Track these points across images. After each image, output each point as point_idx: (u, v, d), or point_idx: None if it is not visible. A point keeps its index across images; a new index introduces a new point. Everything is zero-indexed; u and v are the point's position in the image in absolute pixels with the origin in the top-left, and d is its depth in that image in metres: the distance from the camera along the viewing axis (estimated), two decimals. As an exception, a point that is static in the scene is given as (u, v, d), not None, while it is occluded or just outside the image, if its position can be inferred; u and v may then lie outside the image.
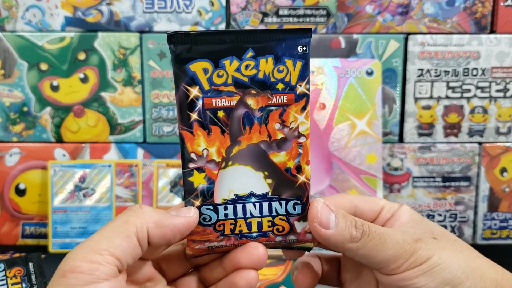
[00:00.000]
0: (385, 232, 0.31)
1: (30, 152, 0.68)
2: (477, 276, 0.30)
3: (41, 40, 0.66)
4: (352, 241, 0.31)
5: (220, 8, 0.66)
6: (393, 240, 0.31)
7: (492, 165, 0.69)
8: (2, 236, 0.70)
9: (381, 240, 0.30)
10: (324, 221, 0.31)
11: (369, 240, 0.31)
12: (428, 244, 0.31)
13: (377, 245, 0.30)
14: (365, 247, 0.31)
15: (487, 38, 0.66)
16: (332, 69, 0.65)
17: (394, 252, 0.30)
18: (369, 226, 0.31)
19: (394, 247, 0.30)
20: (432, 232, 0.32)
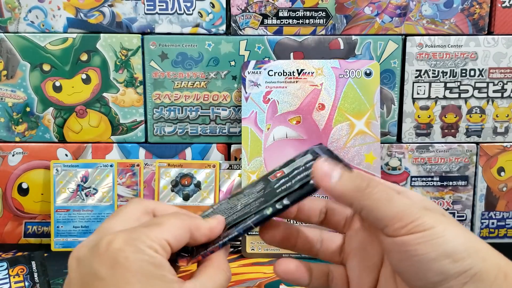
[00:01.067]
0: (392, 191, 0.31)
1: (33, 152, 0.69)
2: (479, 257, 0.29)
3: (43, 41, 0.67)
4: (357, 190, 0.31)
5: (220, 9, 0.67)
6: (401, 199, 0.31)
7: (489, 164, 0.69)
8: (5, 235, 0.70)
9: (388, 196, 0.31)
10: (329, 172, 0.32)
11: (375, 192, 0.31)
12: (436, 215, 0.31)
13: (384, 200, 0.31)
14: (371, 198, 0.31)
15: (484, 39, 0.67)
16: (331, 70, 0.66)
17: (401, 211, 0.30)
18: (377, 181, 0.32)
19: (400, 205, 0.30)
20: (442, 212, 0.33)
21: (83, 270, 0.28)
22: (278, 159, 0.67)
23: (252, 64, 0.66)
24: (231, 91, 0.68)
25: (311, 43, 0.67)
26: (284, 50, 0.67)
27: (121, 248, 0.28)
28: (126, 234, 0.29)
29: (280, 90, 0.66)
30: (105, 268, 0.28)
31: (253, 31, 0.67)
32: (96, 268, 0.28)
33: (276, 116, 0.66)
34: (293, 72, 0.66)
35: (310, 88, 0.66)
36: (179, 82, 0.68)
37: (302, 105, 0.66)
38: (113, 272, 0.27)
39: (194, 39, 0.67)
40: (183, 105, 0.69)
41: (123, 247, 0.28)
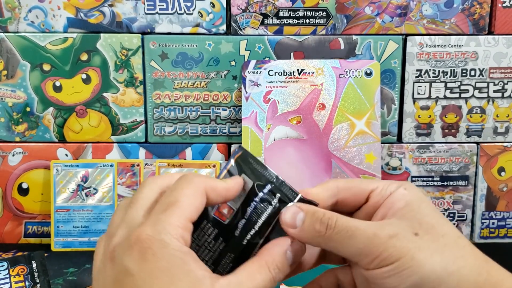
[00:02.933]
0: (354, 226, 0.30)
1: (33, 152, 0.69)
2: (453, 281, 0.29)
3: (43, 41, 0.67)
4: (318, 235, 0.31)
5: (221, 9, 0.67)
6: (363, 234, 0.30)
7: (490, 164, 0.69)
8: (5, 235, 0.70)
9: (348, 234, 0.30)
10: (290, 222, 0.32)
11: (335, 234, 0.30)
12: (403, 242, 0.30)
13: (344, 239, 0.30)
14: (333, 240, 0.31)
15: (485, 39, 0.67)
16: (331, 69, 0.66)
17: (364, 246, 0.30)
18: (336, 220, 0.31)
19: (363, 241, 0.30)
20: (420, 224, 0.31)
21: (116, 267, 0.28)
22: (279, 159, 0.67)
23: (253, 64, 0.66)
24: (231, 91, 0.68)
25: (311, 43, 0.67)
26: (285, 50, 0.67)
27: (147, 245, 0.27)
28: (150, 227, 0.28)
29: (280, 90, 0.66)
30: (134, 264, 0.27)
31: (254, 31, 0.67)
32: (126, 265, 0.28)
33: (277, 116, 0.66)
34: (293, 72, 0.66)
35: (311, 88, 0.66)
36: (179, 82, 0.68)
37: (302, 105, 0.66)
38: (142, 268, 0.27)
39: (194, 39, 0.67)
40: (183, 105, 0.69)
41: (149, 244, 0.27)
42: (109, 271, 0.29)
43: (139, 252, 0.27)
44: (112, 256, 0.29)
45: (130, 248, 0.28)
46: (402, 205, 0.32)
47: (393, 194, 0.33)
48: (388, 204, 0.32)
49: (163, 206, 0.29)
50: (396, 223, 0.31)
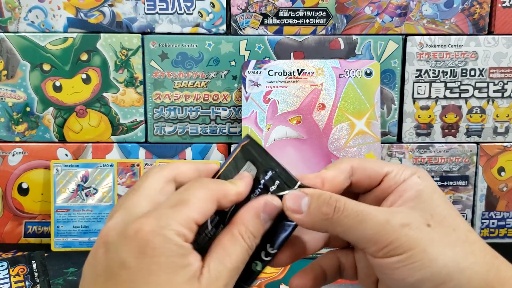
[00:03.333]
0: (364, 210, 0.29)
1: (33, 152, 0.69)
2: (464, 277, 0.28)
3: (43, 41, 0.67)
4: (326, 218, 0.29)
5: (220, 9, 0.67)
6: (374, 220, 0.29)
7: (490, 164, 0.69)
8: (5, 235, 0.70)
9: (358, 218, 0.29)
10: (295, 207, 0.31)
11: (344, 217, 0.29)
12: (416, 232, 0.28)
13: (355, 223, 0.29)
14: (341, 224, 0.29)
15: (485, 39, 0.67)
16: (331, 69, 0.66)
17: (375, 233, 0.29)
18: (345, 203, 0.29)
19: (374, 227, 0.29)
20: (431, 215, 0.29)
21: (110, 256, 0.27)
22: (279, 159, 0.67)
23: (253, 64, 0.66)
24: (231, 91, 0.68)
25: (311, 43, 0.67)
26: (285, 50, 0.67)
27: (148, 238, 0.27)
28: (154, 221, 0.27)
29: (280, 90, 0.66)
30: (132, 257, 0.27)
31: (254, 31, 0.67)
32: (123, 257, 0.27)
33: (277, 116, 0.66)
34: (293, 72, 0.66)
35: (311, 88, 0.66)
36: (179, 82, 0.68)
37: (302, 105, 0.66)
38: (140, 262, 0.26)
39: (194, 39, 0.67)
40: (183, 105, 0.69)
41: (151, 237, 0.27)
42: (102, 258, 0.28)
43: (139, 244, 0.27)
44: (106, 241, 0.28)
45: (128, 239, 0.27)
46: (413, 195, 0.30)
47: (406, 181, 0.31)
48: (399, 191, 0.31)
49: (173, 202, 0.29)
50: (408, 212, 0.30)
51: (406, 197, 0.30)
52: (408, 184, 0.31)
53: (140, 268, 0.26)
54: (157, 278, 0.26)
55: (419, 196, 0.30)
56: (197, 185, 0.30)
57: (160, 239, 0.27)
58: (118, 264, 0.27)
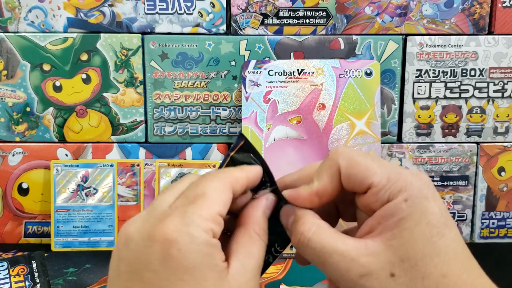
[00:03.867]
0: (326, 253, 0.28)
1: (33, 152, 0.69)
2: None
3: (43, 41, 0.67)
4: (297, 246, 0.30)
5: (221, 9, 0.67)
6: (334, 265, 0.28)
7: (490, 164, 0.69)
8: (5, 235, 0.70)
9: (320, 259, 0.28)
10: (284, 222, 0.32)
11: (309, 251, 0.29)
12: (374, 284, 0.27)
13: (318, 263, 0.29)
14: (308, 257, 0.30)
15: (485, 39, 0.67)
16: (331, 69, 0.66)
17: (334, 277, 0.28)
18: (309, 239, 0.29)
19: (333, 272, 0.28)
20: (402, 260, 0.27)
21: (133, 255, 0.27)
22: (279, 159, 0.67)
23: (253, 64, 0.66)
24: (231, 91, 0.68)
25: (311, 43, 0.67)
26: (285, 50, 0.67)
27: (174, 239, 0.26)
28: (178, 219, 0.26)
29: (280, 90, 0.66)
30: (157, 260, 0.26)
31: (254, 31, 0.67)
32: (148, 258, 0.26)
33: (277, 116, 0.66)
34: (293, 72, 0.66)
35: (311, 88, 0.66)
36: (179, 82, 0.68)
37: (302, 105, 0.66)
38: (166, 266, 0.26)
39: (194, 39, 0.67)
40: (183, 105, 0.69)
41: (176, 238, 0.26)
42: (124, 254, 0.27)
43: (164, 246, 0.26)
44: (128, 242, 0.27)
45: (154, 241, 0.26)
46: (393, 224, 0.27)
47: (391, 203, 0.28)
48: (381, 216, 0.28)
49: (190, 198, 0.28)
50: (377, 252, 0.27)
51: (385, 226, 0.28)
52: (391, 209, 0.28)
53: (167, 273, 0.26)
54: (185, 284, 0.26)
55: (399, 227, 0.27)
56: (208, 177, 0.29)
57: (185, 238, 0.26)
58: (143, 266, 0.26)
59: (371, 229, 0.28)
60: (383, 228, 0.28)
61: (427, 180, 0.29)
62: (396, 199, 0.28)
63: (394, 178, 0.28)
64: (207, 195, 0.28)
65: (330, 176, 0.30)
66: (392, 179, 0.28)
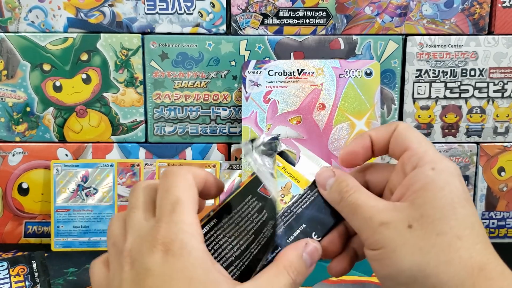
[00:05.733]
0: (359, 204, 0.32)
1: (33, 152, 0.69)
2: (429, 283, 0.28)
3: (44, 41, 0.67)
4: (335, 203, 0.33)
5: (221, 9, 0.67)
6: (361, 214, 0.31)
7: (490, 164, 0.69)
8: (5, 235, 0.70)
9: (352, 211, 0.32)
10: (322, 182, 0.35)
11: (344, 206, 0.33)
12: (391, 232, 0.30)
13: (349, 213, 0.32)
14: (343, 211, 0.33)
15: (485, 39, 0.67)
16: (331, 69, 0.66)
17: (359, 225, 0.31)
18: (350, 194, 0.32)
19: (359, 221, 0.31)
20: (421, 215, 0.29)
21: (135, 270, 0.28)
22: (279, 159, 0.67)
23: (253, 64, 0.66)
24: (231, 91, 0.68)
25: (311, 43, 0.67)
26: (285, 50, 0.67)
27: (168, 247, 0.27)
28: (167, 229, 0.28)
29: (280, 90, 0.66)
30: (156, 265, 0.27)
31: (254, 31, 0.67)
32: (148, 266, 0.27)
33: (277, 116, 0.66)
34: (293, 72, 0.66)
35: (311, 88, 0.66)
36: (179, 82, 0.68)
37: (302, 105, 0.66)
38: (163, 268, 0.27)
39: (194, 39, 0.67)
40: (183, 105, 0.69)
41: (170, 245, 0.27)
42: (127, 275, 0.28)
43: (162, 252, 0.27)
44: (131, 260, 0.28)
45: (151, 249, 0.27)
46: (418, 188, 0.30)
47: (418, 171, 0.31)
48: (409, 182, 0.31)
49: (168, 207, 0.29)
50: (399, 208, 0.30)
51: (412, 190, 0.30)
52: (417, 175, 0.31)
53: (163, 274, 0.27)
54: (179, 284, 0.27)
55: (423, 190, 0.30)
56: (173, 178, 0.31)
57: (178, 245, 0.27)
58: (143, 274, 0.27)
59: (401, 194, 0.32)
60: (410, 192, 0.30)
61: (456, 166, 0.31)
62: (424, 166, 0.31)
63: (430, 151, 0.32)
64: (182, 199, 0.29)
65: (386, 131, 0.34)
66: (428, 151, 0.32)
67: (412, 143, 0.32)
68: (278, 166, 0.36)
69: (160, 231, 0.28)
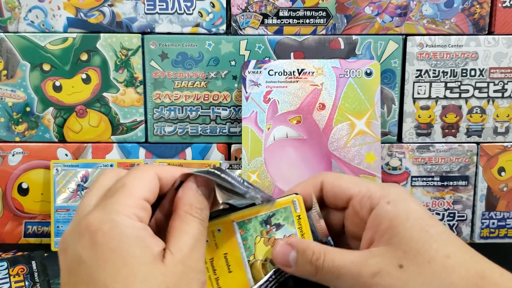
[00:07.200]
0: (340, 265, 0.30)
1: (33, 152, 0.69)
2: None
3: (43, 41, 0.67)
4: (311, 275, 0.31)
5: (220, 9, 0.67)
6: (348, 274, 0.30)
7: (490, 164, 0.69)
8: (4, 235, 0.70)
9: (334, 275, 0.30)
10: (284, 261, 0.32)
11: (323, 274, 0.30)
12: (387, 279, 0.29)
13: (332, 279, 0.30)
14: (323, 279, 0.31)
15: (485, 39, 0.67)
16: (331, 69, 0.66)
17: (350, 286, 0.30)
18: (324, 260, 0.31)
19: (348, 281, 0.30)
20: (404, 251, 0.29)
21: (69, 258, 0.28)
22: (279, 159, 0.67)
23: (253, 63, 0.66)
24: (231, 91, 0.68)
25: (311, 43, 0.67)
26: (285, 49, 0.67)
27: (98, 228, 0.27)
28: (100, 211, 0.28)
29: (280, 90, 0.66)
30: (86, 250, 0.27)
31: (254, 30, 0.67)
32: (78, 253, 0.27)
33: (277, 116, 0.66)
34: (293, 72, 0.66)
35: (311, 88, 0.66)
36: (179, 82, 0.68)
37: (302, 104, 0.66)
38: (93, 252, 0.27)
39: (194, 39, 0.67)
40: (183, 105, 0.69)
41: (100, 226, 0.27)
42: (62, 263, 0.28)
43: (89, 236, 0.27)
44: (64, 247, 0.28)
45: (80, 235, 0.27)
46: (386, 227, 0.30)
47: (377, 210, 0.31)
48: (374, 225, 0.31)
49: (111, 192, 0.29)
50: (381, 253, 0.30)
51: (381, 232, 0.30)
52: (379, 215, 0.31)
53: (94, 259, 0.26)
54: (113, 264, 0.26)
55: (392, 228, 0.30)
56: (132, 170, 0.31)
57: (108, 225, 0.27)
58: (76, 262, 0.27)
59: (370, 240, 0.31)
60: (380, 235, 0.30)
61: (403, 188, 0.32)
62: (379, 204, 0.31)
63: (373, 188, 0.32)
64: (127, 185, 0.29)
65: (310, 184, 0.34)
66: (371, 188, 0.32)
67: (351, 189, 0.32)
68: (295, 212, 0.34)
69: (91, 215, 0.28)
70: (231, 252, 0.32)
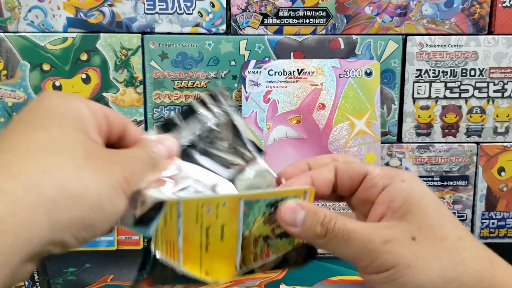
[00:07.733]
0: (351, 229, 0.29)
1: (33, 152, 0.69)
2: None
3: (43, 41, 0.67)
4: (318, 238, 0.30)
5: (220, 9, 0.67)
6: (358, 239, 0.29)
7: (490, 164, 0.69)
8: (4, 235, 0.70)
9: (344, 238, 0.29)
10: (290, 220, 0.31)
11: (332, 237, 0.30)
12: (399, 248, 0.28)
13: (341, 243, 0.29)
14: (331, 243, 0.30)
15: (485, 39, 0.67)
16: (331, 69, 0.66)
17: (358, 252, 0.29)
18: (335, 222, 0.30)
19: (357, 246, 0.29)
20: (418, 226, 0.29)
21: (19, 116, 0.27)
22: (279, 158, 0.67)
23: (252, 63, 0.66)
24: (231, 91, 0.68)
25: (311, 43, 0.67)
26: (285, 49, 0.67)
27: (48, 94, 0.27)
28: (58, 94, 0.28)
29: (280, 90, 0.66)
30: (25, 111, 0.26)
31: (253, 30, 0.67)
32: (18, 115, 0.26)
33: (277, 115, 0.66)
34: (293, 72, 0.66)
35: (311, 87, 0.66)
36: (179, 81, 0.68)
37: (302, 104, 0.66)
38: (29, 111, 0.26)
39: (194, 39, 0.67)
40: (183, 105, 0.69)
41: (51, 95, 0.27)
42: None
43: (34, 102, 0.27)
44: None
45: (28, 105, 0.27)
46: (400, 203, 0.30)
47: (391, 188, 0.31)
48: (387, 201, 0.31)
49: None
50: (394, 225, 0.30)
51: (394, 208, 0.30)
52: (394, 192, 0.31)
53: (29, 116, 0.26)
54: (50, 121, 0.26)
55: (406, 204, 0.30)
56: None
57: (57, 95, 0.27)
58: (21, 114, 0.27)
59: (381, 215, 0.31)
60: (393, 211, 0.30)
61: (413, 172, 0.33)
62: (393, 182, 0.31)
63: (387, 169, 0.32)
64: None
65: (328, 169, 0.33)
66: (385, 168, 0.32)
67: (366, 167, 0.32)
68: None
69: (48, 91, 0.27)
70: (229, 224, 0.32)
